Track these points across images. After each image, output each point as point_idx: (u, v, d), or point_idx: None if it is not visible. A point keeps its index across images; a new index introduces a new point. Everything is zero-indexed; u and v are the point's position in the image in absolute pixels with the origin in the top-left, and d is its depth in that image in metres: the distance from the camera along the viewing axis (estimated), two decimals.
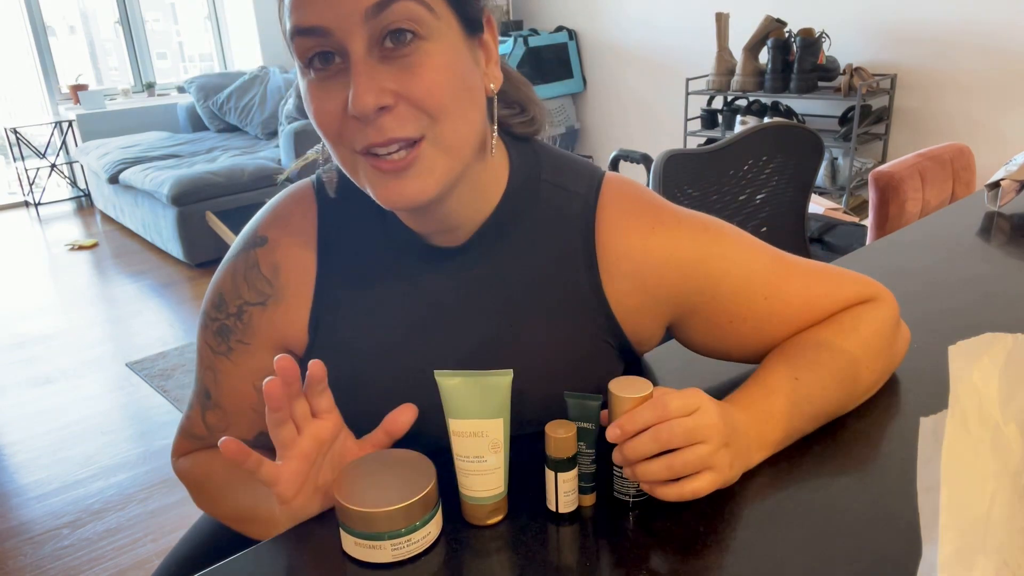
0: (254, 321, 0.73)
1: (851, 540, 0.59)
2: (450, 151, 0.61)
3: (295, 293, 0.72)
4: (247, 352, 0.73)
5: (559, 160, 0.75)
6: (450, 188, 0.63)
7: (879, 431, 0.73)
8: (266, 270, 0.72)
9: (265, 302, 0.72)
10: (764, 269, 0.73)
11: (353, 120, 0.58)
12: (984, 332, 0.45)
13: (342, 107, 0.58)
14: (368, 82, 0.56)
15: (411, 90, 0.57)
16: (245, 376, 0.74)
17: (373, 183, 0.61)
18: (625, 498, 0.64)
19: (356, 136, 0.59)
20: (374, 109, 0.56)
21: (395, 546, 0.59)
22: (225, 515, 0.75)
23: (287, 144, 3.91)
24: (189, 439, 0.80)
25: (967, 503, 0.42)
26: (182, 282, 3.64)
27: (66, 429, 2.37)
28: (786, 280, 0.74)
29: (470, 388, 0.62)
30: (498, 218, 0.70)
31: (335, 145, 0.61)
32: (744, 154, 1.78)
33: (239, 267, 0.74)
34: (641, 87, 4.50)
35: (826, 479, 0.66)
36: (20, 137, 5.05)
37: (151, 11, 5.55)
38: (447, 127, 0.60)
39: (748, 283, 0.73)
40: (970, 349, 0.44)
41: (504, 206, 0.70)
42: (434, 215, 0.67)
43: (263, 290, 0.72)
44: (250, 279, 0.73)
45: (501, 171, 0.71)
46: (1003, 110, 3.20)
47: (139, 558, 1.79)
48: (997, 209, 1.40)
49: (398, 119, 0.58)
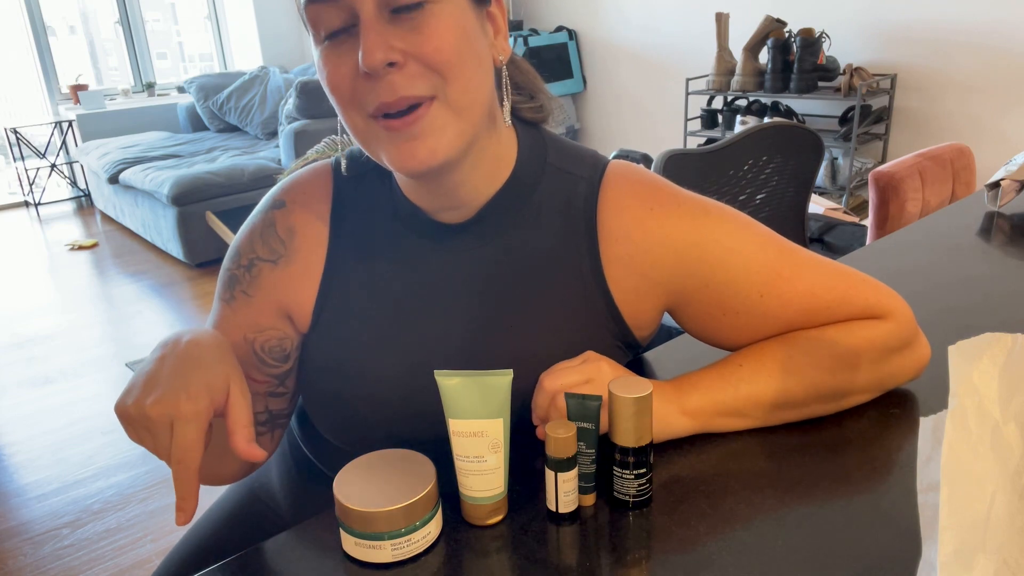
0: (262, 276, 0.74)
1: (851, 540, 0.59)
2: (460, 112, 0.62)
3: (306, 262, 0.74)
4: (247, 303, 0.74)
5: (565, 147, 0.75)
6: (461, 154, 0.64)
7: (879, 431, 0.73)
8: (281, 231, 0.74)
9: (276, 260, 0.74)
10: (766, 264, 0.71)
11: (364, 81, 0.60)
12: (984, 332, 0.45)
13: (354, 69, 0.60)
14: (377, 38, 0.58)
15: (420, 48, 0.59)
16: (240, 325, 0.74)
17: (387, 147, 0.62)
18: (625, 498, 0.64)
19: (368, 97, 0.60)
20: (383, 64, 0.58)
21: (395, 546, 0.59)
22: None
23: (287, 144, 3.91)
24: None
25: (967, 503, 0.42)
26: (182, 282, 3.64)
27: (66, 429, 2.37)
28: (788, 281, 0.71)
29: (470, 388, 0.62)
30: (504, 196, 0.71)
31: (347, 111, 0.63)
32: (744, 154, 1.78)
33: (257, 227, 0.75)
34: (641, 87, 4.50)
35: (826, 479, 0.66)
36: (20, 137, 5.05)
37: (151, 11, 5.55)
38: (457, 86, 0.61)
39: (745, 275, 0.71)
40: (970, 349, 0.44)
41: (510, 185, 0.71)
42: (443, 186, 0.68)
43: (276, 248, 0.74)
44: (265, 237, 0.74)
45: (510, 150, 0.71)
46: (1003, 110, 3.20)
47: (139, 558, 1.79)
48: (997, 209, 1.40)
49: (408, 77, 0.59)
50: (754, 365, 0.71)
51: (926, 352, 0.76)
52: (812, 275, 0.72)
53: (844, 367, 0.72)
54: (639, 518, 0.63)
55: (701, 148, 1.72)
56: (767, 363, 0.71)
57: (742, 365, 0.72)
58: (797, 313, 0.72)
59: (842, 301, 0.73)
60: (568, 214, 0.72)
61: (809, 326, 0.73)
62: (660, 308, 0.75)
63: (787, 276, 0.72)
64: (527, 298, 0.72)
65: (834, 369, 0.71)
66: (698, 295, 0.72)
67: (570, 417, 0.64)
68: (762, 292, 0.71)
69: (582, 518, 0.64)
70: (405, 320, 0.72)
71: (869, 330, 0.72)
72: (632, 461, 0.63)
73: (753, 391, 0.71)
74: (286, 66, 5.36)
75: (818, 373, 0.71)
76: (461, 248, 0.72)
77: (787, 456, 0.70)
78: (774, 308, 0.72)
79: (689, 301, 0.73)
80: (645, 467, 0.63)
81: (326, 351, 0.73)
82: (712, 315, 0.73)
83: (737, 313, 0.72)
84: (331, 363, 0.73)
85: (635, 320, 0.74)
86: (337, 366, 0.71)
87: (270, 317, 0.74)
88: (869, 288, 0.74)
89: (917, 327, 0.75)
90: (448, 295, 0.72)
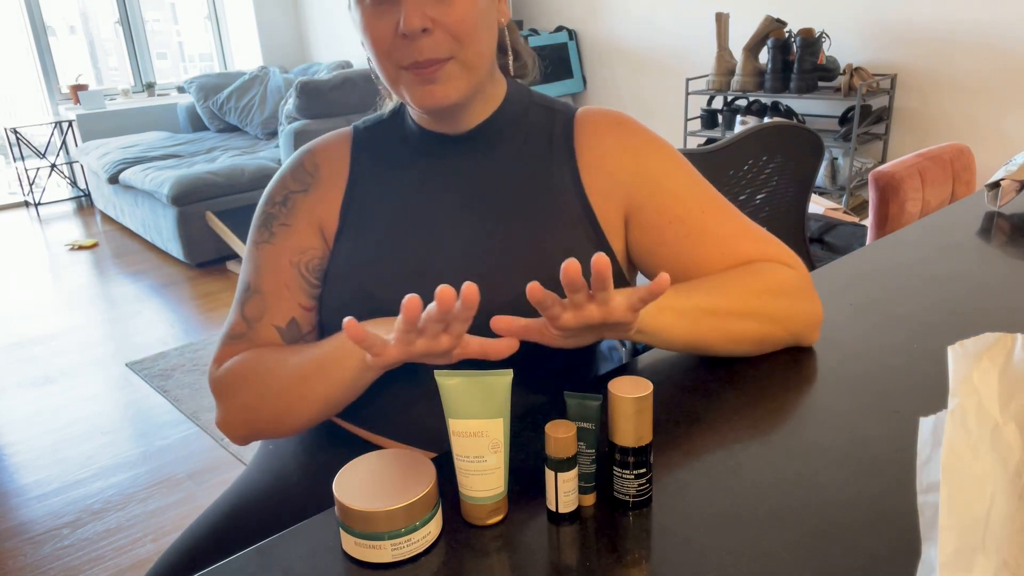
0: (297, 205, 0.87)
1: (851, 540, 0.59)
2: (472, 69, 0.79)
3: (331, 183, 0.88)
4: (287, 233, 0.87)
5: (545, 95, 0.93)
6: (468, 98, 0.81)
7: (879, 431, 0.73)
8: (309, 166, 0.89)
9: (307, 188, 0.88)
10: (706, 195, 0.87)
11: (401, 39, 0.75)
12: (984, 332, 0.45)
13: (392, 29, 0.75)
14: (415, 7, 0.73)
15: (447, 18, 0.75)
16: (284, 253, 0.86)
17: (411, 89, 0.78)
18: (625, 498, 0.64)
19: (403, 53, 0.76)
20: (419, 29, 0.73)
21: (395, 546, 0.59)
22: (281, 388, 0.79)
23: (287, 144, 3.91)
24: (230, 343, 0.87)
25: (967, 503, 0.42)
26: (182, 282, 3.64)
27: (66, 429, 2.37)
28: (722, 211, 0.87)
29: (470, 388, 0.62)
30: (497, 117, 0.87)
31: (383, 61, 0.78)
32: (744, 154, 1.78)
33: (287, 171, 0.90)
34: (641, 87, 4.50)
35: (826, 479, 0.66)
36: (20, 137, 5.05)
37: (151, 11, 5.55)
38: (471, 50, 0.77)
39: (690, 194, 0.86)
40: (970, 349, 0.44)
41: (502, 109, 0.87)
42: (450, 116, 0.84)
43: (304, 180, 0.88)
44: (296, 174, 0.89)
45: (501, 88, 0.88)
46: (1003, 110, 3.20)
47: (139, 558, 1.79)
48: (997, 209, 1.40)
49: (434, 43, 0.75)
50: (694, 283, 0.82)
51: (820, 310, 0.88)
52: (736, 215, 0.88)
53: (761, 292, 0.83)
54: (639, 518, 0.63)
55: (701, 148, 1.72)
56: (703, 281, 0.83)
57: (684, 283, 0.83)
58: (729, 237, 0.85)
59: (763, 241, 0.87)
60: (551, 136, 0.88)
61: (737, 251, 0.85)
62: (621, 214, 0.87)
63: (721, 207, 0.87)
64: (518, 204, 0.84)
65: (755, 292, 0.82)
66: (649, 204, 0.85)
67: (570, 417, 0.64)
68: (703, 209, 0.86)
69: (582, 518, 0.64)
70: (415, 222, 0.84)
71: (784, 272, 0.85)
72: (632, 461, 0.63)
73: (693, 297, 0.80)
74: (286, 66, 5.36)
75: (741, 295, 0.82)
76: (459, 156, 0.86)
77: (787, 457, 0.70)
78: (712, 227, 0.85)
79: (641, 209, 0.85)
80: (645, 467, 0.63)
81: (349, 252, 0.85)
82: (659, 226, 0.85)
83: (682, 222, 0.85)
84: (354, 261, 0.84)
85: (606, 223, 0.86)
86: (359, 264, 0.84)
87: (309, 237, 0.87)
88: (773, 238, 0.89)
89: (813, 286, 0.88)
90: (450, 203, 0.85)
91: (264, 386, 0.80)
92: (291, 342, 0.86)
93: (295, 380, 0.78)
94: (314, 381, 0.77)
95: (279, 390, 0.79)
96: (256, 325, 0.86)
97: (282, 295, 0.86)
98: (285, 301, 0.86)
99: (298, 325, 0.86)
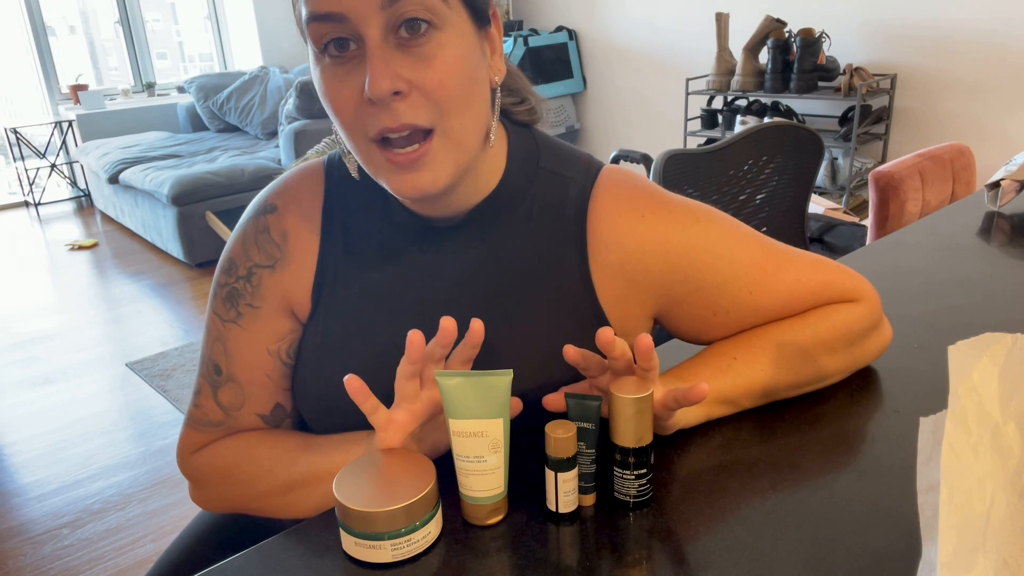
0: (264, 284, 0.74)
1: (851, 540, 0.59)
2: (459, 145, 0.64)
3: (301, 261, 0.74)
4: (257, 316, 0.74)
5: (558, 149, 0.76)
6: (459, 179, 0.66)
7: (878, 431, 0.73)
8: (275, 235, 0.74)
9: (274, 265, 0.74)
10: (753, 263, 0.74)
11: (368, 105, 0.60)
12: (984, 332, 0.45)
13: (358, 93, 0.60)
14: (384, 67, 0.58)
15: (424, 80, 0.60)
16: (257, 340, 0.74)
17: (387, 174, 0.64)
18: (625, 498, 0.64)
19: (371, 121, 0.61)
20: (389, 93, 0.58)
21: (395, 546, 0.59)
22: (269, 490, 0.72)
23: (287, 144, 3.91)
24: (202, 429, 0.77)
25: (967, 503, 0.42)
26: (182, 282, 3.64)
27: (66, 429, 2.37)
28: (774, 276, 0.75)
29: (470, 388, 0.62)
30: (495, 199, 0.72)
31: (350, 132, 0.63)
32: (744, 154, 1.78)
33: (249, 233, 0.75)
34: (641, 87, 4.50)
35: (826, 479, 0.66)
36: (20, 137, 5.05)
37: (151, 11, 5.55)
38: (455, 121, 0.62)
39: (734, 276, 0.74)
40: (970, 349, 0.44)
41: (502, 188, 0.72)
42: (438, 202, 0.69)
43: (272, 253, 0.74)
44: (260, 243, 0.75)
45: (500, 155, 0.73)
46: (1003, 110, 3.20)
47: (139, 558, 1.79)
48: (997, 209, 1.40)
49: (412, 106, 0.60)
50: (747, 358, 0.74)
51: (889, 333, 0.83)
52: (794, 267, 0.76)
53: (825, 351, 0.76)
54: (639, 518, 0.63)
55: (701, 148, 1.72)
56: (759, 356, 0.74)
57: (736, 359, 0.74)
58: (783, 303, 0.76)
59: (823, 287, 0.77)
60: (559, 217, 0.73)
61: (793, 313, 0.78)
62: (649, 314, 0.76)
63: (772, 271, 0.75)
64: (514, 300, 0.72)
65: (817, 355, 0.76)
66: (689, 299, 0.74)
67: (570, 417, 0.64)
68: (751, 290, 0.75)
69: (582, 518, 0.64)
70: (392, 317, 0.73)
71: (846, 313, 0.77)
72: (632, 461, 0.63)
73: (747, 383, 0.74)
74: (286, 66, 5.36)
75: (804, 362, 0.75)
76: (450, 249, 0.73)
77: (787, 457, 0.70)
78: (763, 302, 0.76)
79: (680, 305, 0.75)
80: (645, 467, 0.63)
81: (314, 343, 0.74)
82: (703, 317, 0.76)
83: (728, 312, 0.75)
84: (317, 354, 0.74)
85: (622, 325, 0.75)
86: (322, 356, 0.73)
87: (282, 321, 0.75)
88: (844, 274, 0.79)
89: (882, 310, 0.81)
90: (435, 295, 0.73)
91: (254, 490, 0.73)
92: (276, 425, 0.78)
93: (291, 485, 0.71)
94: (313, 488, 0.70)
95: (269, 492, 0.72)
96: (235, 414, 0.76)
97: (264, 385, 0.76)
98: (268, 391, 0.76)
99: (283, 408, 0.78)
